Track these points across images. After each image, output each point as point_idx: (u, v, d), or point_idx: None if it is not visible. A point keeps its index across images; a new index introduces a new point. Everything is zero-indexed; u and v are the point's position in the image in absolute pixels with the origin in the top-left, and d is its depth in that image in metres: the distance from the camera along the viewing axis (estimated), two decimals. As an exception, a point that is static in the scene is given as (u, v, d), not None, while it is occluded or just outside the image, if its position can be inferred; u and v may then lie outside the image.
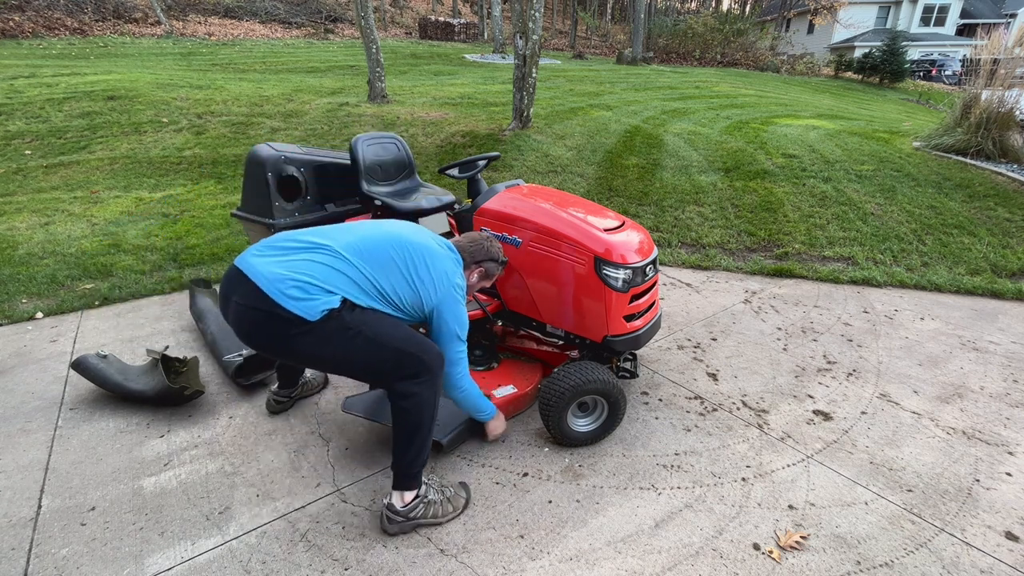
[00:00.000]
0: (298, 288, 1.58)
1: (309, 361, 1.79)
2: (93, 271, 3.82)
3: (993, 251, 4.32)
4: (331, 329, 1.62)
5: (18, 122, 7.11)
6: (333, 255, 1.68)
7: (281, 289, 1.57)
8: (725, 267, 4.25)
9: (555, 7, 34.49)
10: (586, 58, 22.48)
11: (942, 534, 1.84)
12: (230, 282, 1.67)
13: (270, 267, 1.62)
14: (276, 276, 1.59)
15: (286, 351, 1.69)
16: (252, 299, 1.59)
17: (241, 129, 7.35)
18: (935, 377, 2.81)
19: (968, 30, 29.87)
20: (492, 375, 2.43)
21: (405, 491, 1.79)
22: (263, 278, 1.59)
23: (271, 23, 21.89)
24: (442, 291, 1.79)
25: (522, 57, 6.81)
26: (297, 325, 1.58)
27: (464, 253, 1.93)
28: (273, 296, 1.57)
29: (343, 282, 1.66)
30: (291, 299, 1.57)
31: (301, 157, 2.85)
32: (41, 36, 15.68)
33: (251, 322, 1.64)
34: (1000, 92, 5.90)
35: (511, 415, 2.37)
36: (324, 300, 1.60)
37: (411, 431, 1.74)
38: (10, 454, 2.15)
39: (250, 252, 1.70)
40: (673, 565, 1.71)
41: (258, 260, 1.65)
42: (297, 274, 1.60)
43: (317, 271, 1.63)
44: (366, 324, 1.67)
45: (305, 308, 1.58)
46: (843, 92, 18.35)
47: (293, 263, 1.64)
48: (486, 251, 1.97)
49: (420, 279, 1.76)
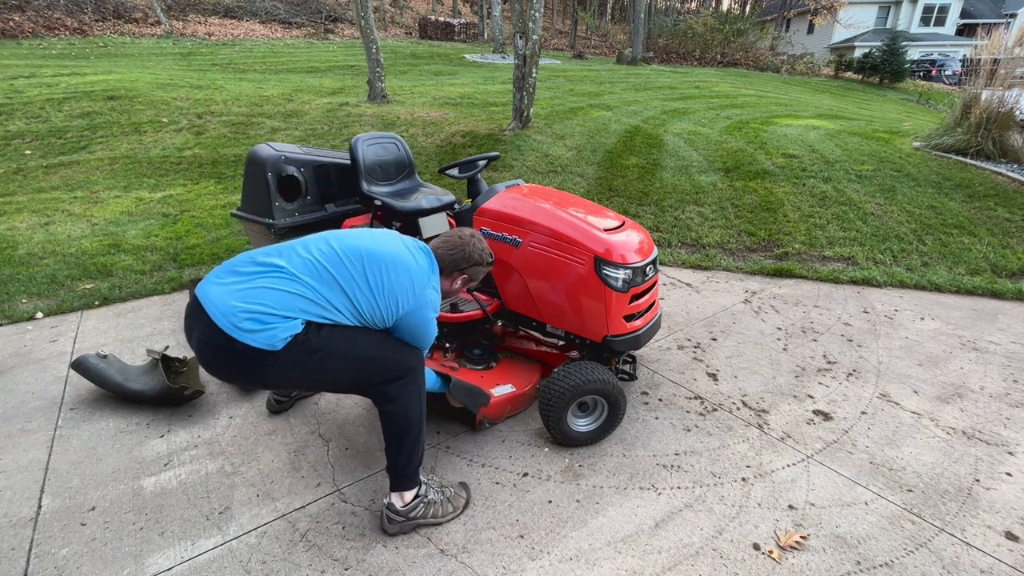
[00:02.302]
0: (252, 320, 1.50)
1: (285, 386, 1.72)
2: (93, 271, 3.82)
3: (993, 251, 4.32)
4: (299, 355, 1.55)
5: (18, 122, 7.11)
6: (288, 277, 1.57)
7: (235, 323, 1.49)
8: (725, 267, 4.25)
9: (555, 7, 34.48)
10: (586, 58, 22.48)
11: (942, 534, 1.84)
12: (191, 314, 1.59)
13: (225, 298, 1.52)
14: (230, 309, 1.49)
15: (258, 382, 1.65)
16: (210, 335, 1.51)
17: (241, 129, 7.35)
18: (935, 377, 2.81)
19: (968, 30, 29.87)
20: (490, 374, 2.40)
21: (404, 491, 1.78)
22: (217, 312, 1.50)
23: (271, 23, 21.88)
24: (409, 304, 1.67)
25: (522, 57, 6.81)
26: (261, 357, 1.52)
27: (443, 262, 1.80)
28: (228, 331, 1.49)
29: (302, 304, 1.56)
30: (247, 332, 1.49)
31: (301, 157, 2.85)
32: (41, 36, 15.68)
33: (215, 358, 1.58)
34: (1000, 92, 5.90)
35: (508, 414, 2.37)
36: (284, 327, 1.52)
37: (401, 434, 1.73)
38: (10, 454, 2.15)
39: (210, 279, 1.61)
40: (673, 565, 1.71)
41: (215, 289, 1.55)
42: (252, 304, 1.51)
43: (272, 298, 1.53)
44: (333, 342, 1.60)
45: (264, 339, 1.50)
46: (843, 92, 18.35)
47: (248, 292, 1.54)
48: (467, 257, 1.82)
49: (383, 293, 1.64)
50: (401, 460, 1.75)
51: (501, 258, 2.33)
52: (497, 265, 2.39)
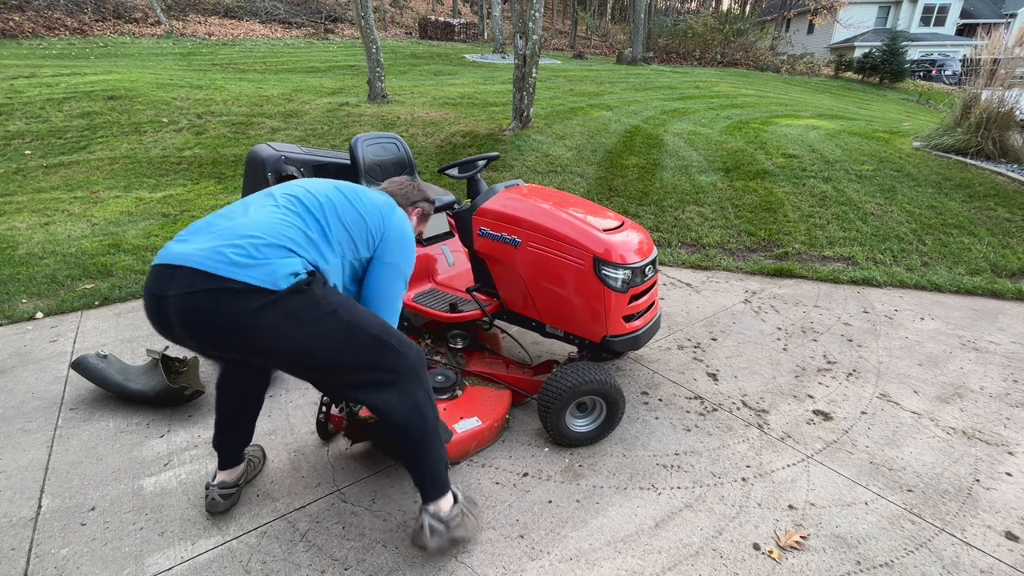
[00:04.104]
0: (242, 253, 1.32)
1: (272, 350, 1.41)
2: (93, 271, 3.82)
3: (993, 251, 4.32)
4: (301, 303, 1.36)
5: (18, 122, 7.11)
6: (271, 208, 1.46)
7: (223, 259, 1.30)
8: (725, 267, 4.25)
9: (555, 7, 34.48)
10: (586, 58, 22.48)
11: (942, 534, 1.84)
12: (158, 280, 1.36)
13: (202, 244, 1.35)
14: (212, 250, 1.32)
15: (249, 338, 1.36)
16: (192, 284, 1.30)
17: (241, 129, 7.35)
18: (935, 377, 2.81)
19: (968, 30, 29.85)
20: (454, 405, 2.21)
21: (441, 498, 1.61)
22: (199, 256, 1.31)
23: (271, 23, 21.88)
24: (389, 218, 1.64)
25: (522, 57, 6.81)
26: (258, 296, 1.31)
27: (397, 197, 1.79)
28: (217, 271, 1.29)
29: (293, 235, 1.41)
30: (241, 267, 1.30)
31: (301, 157, 2.85)
32: (41, 36, 15.68)
33: (199, 308, 1.32)
34: (1000, 92, 5.90)
35: (473, 452, 2.16)
36: (283, 263, 1.35)
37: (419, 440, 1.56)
38: (10, 454, 2.15)
39: (168, 245, 1.42)
40: (673, 565, 1.71)
41: (183, 247, 1.37)
42: (238, 237, 1.34)
43: (260, 226, 1.38)
44: (341, 304, 1.45)
45: (263, 275, 1.31)
46: (843, 92, 18.35)
47: (229, 230, 1.37)
48: (417, 190, 1.85)
49: (367, 209, 1.59)
50: (427, 466, 1.58)
51: (500, 258, 2.33)
52: (496, 265, 2.39)
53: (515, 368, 2.55)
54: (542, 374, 2.53)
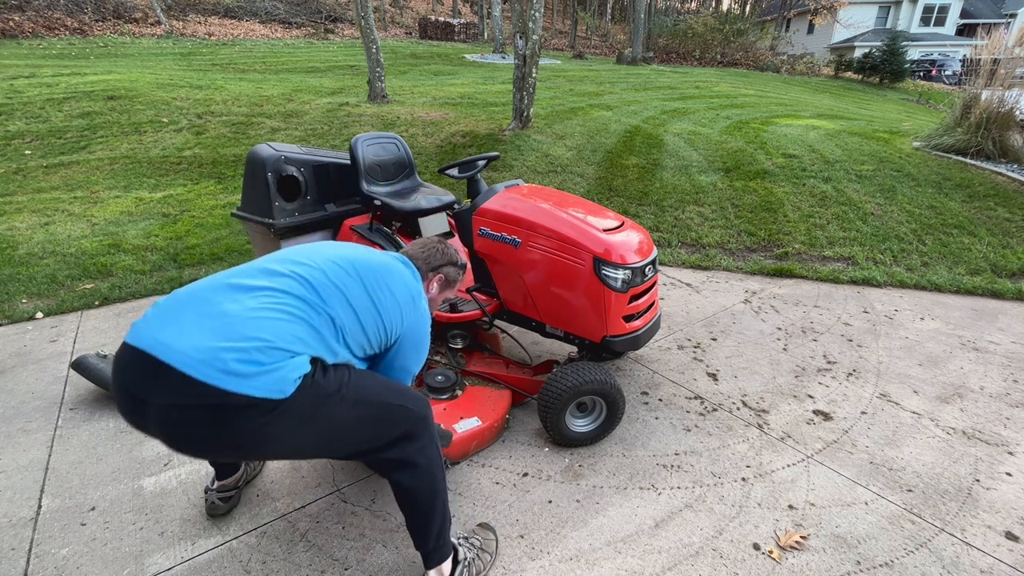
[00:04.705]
0: (246, 360, 1.13)
1: (276, 454, 1.34)
2: (93, 271, 3.82)
3: (993, 251, 4.32)
4: (309, 402, 1.21)
5: (18, 122, 7.11)
6: (279, 294, 1.25)
7: (222, 368, 1.11)
8: (725, 267, 4.25)
9: (555, 7, 34.48)
10: (586, 58, 22.48)
11: (942, 534, 1.84)
12: (136, 374, 1.15)
13: (194, 339, 1.13)
14: (209, 352, 1.11)
15: (254, 449, 1.25)
16: (182, 394, 1.11)
17: (241, 129, 7.35)
18: (935, 377, 2.81)
19: (968, 30, 29.85)
20: (454, 405, 2.21)
21: (442, 564, 1.54)
22: (191, 360, 1.10)
23: (271, 23, 21.88)
24: (410, 318, 1.48)
25: (522, 57, 6.81)
26: (264, 411, 1.15)
27: (418, 262, 1.63)
28: (214, 382, 1.10)
29: (303, 332, 1.23)
30: (243, 378, 1.12)
31: (301, 157, 2.85)
32: (41, 36, 15.68)
33: (191, 424, 1.15)
34: (1000, 92, 5.90)
35: (474, 452, 2.17)
36: (292, 365, 1.18)
37: (427, 506, 1.46)
38: (10, 454, 2.15)
39: (152, 320, 1.19)
40: (673, 565, 1.71)
41: (171, 331, 1.15)
42: (241, 340, 1.14)
43: (267, 327, 1.18)
44: (346, 384, 1.30)
45: (270, 385, 1.14)
46: (843, 92, 18.34)
47: (229, 324, 1.16)
48: (442, 254, 1.69)
49: (385, 307, 1.41)
50: (432, 533, 1.48)
51: (500, 258, 2.33)
52: (496, 265, 2.39)
53: (515, 368, 2.54)
54: (542, 374, 2.53)
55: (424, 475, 1.44)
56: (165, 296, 1.25)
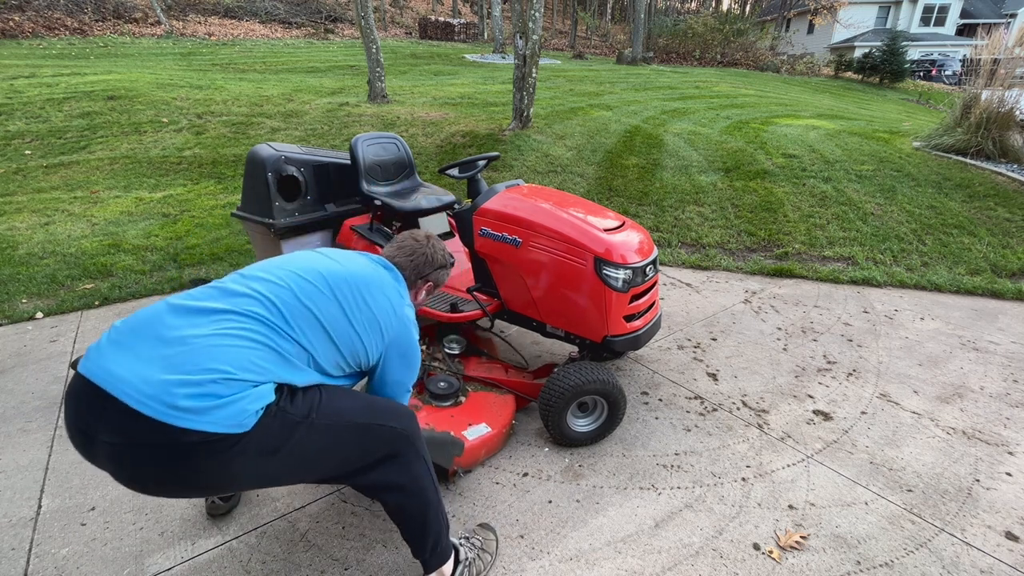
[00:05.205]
0: (198, 394, 1.03)
1: (257, 484, 1.27)
2: (93, 271, 3.82)
3: (993, 251, 4.32)
4: (274, 433, 1.13)
5: (18, 122, 7.11)
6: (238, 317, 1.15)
7: (171, 403, 1.01)
8: (725, 267, 4.25)
9: (555, 7, 34.49)
10: (586, 58, 22.48)
11: (942, 534, 1.84)
12: (82, 406, 1.06)
13: (142, 369, 1.04)
14: (158, 386, 1.02)
15: (222, 485, 1.17)
16: (131, 432, 1.02)
17: (241, 129, 7.35)
18: (935, 377, 2.81)
19: (968, 30, 29.85)
20: (460, 412, 2.16)
21: (442, 566, 1.52)
22: (138, 393, 1.01)
23: (271, 23, 21.89)
24: (392, 331, 1.39)
25: (522, 57, 6.81)
26: (224, 447, 1.06)
27: (406, 272, 1.53)
28: (161, 418, 1.00)
29: (264, 358, 1.14)
30: (194, 414, 1.02)
31: (301, 157, 2.85)
32: (41, 36, 15.68)
33: (141, 464, 1.06)
34: (1000, 92, 5.90)
35: (484, 458, 2.12)
36: (253, 396, 1.09)
37: (420, 520, 1.43)
38: (10, 454, 2.15)
39: (105, 346, 1.10)
40: (673, 565, 1.71)
41: (121, 360, 1.06)
42: (193, 372, 1.04)
43: (222, 355, 1.08)
44: (316, 409, 1.22)
45: (227, 419, 1.05)
46: (843, 92, 18.35)
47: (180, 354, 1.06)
48: (430, 260, 1.57)
49: (362, 322, 1.33)
50: (428, 543, 1.46)
51: (501, 258, 2.33)
52: (497, 265, 2.39)
53: (514, 372, 2.52)
54: (541, 378, 2.51)
55: (411, 493, 1.39)
56: (122, 318, 1.17)
